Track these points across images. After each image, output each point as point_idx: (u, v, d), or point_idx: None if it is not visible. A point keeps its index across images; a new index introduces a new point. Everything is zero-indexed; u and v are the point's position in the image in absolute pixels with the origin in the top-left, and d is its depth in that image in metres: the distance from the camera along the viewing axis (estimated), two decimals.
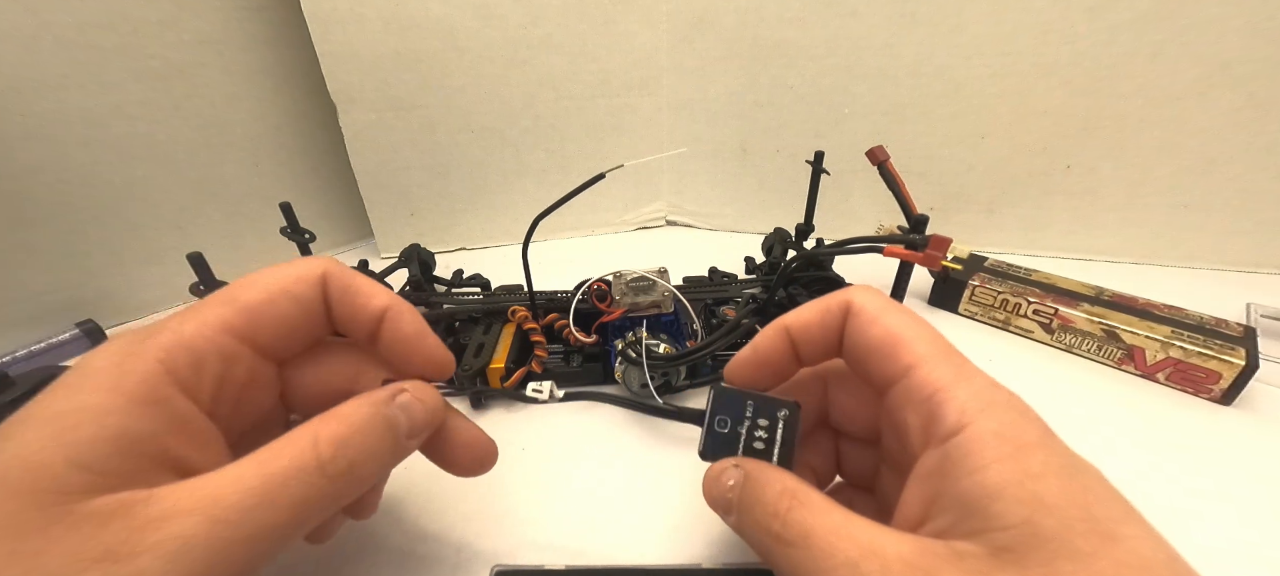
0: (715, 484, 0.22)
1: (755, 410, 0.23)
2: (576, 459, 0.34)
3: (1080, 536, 0.15)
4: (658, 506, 0.31)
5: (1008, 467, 0.16)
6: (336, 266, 0.23)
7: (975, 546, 0.16)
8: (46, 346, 0.47)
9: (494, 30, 0.54)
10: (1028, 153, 0.53)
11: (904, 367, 0.19)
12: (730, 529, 0.21)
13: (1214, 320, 0.39)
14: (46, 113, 0.45)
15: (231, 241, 0.57)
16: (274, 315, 0.21)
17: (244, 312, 0.20)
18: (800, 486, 0.19)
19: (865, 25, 0.52)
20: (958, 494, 0.17)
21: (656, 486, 0.32)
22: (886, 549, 0.17)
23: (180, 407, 0.18)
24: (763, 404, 0.23)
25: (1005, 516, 0.15)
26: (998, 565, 0.15)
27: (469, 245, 0.65)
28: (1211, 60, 0.46)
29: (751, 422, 0.23)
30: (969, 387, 0.18)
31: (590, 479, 0.33)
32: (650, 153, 0.63)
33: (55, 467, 0.15)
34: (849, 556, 0.17)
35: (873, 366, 0.21)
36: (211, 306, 0.20)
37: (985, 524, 0.16)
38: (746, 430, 0.23)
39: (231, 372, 0.20)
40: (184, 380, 0.18)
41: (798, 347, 0.23)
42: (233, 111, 0.54)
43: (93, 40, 0.45)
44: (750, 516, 0.20)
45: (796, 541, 0.18)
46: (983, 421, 0.17)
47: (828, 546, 0.17)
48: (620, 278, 0.38)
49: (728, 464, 0.22)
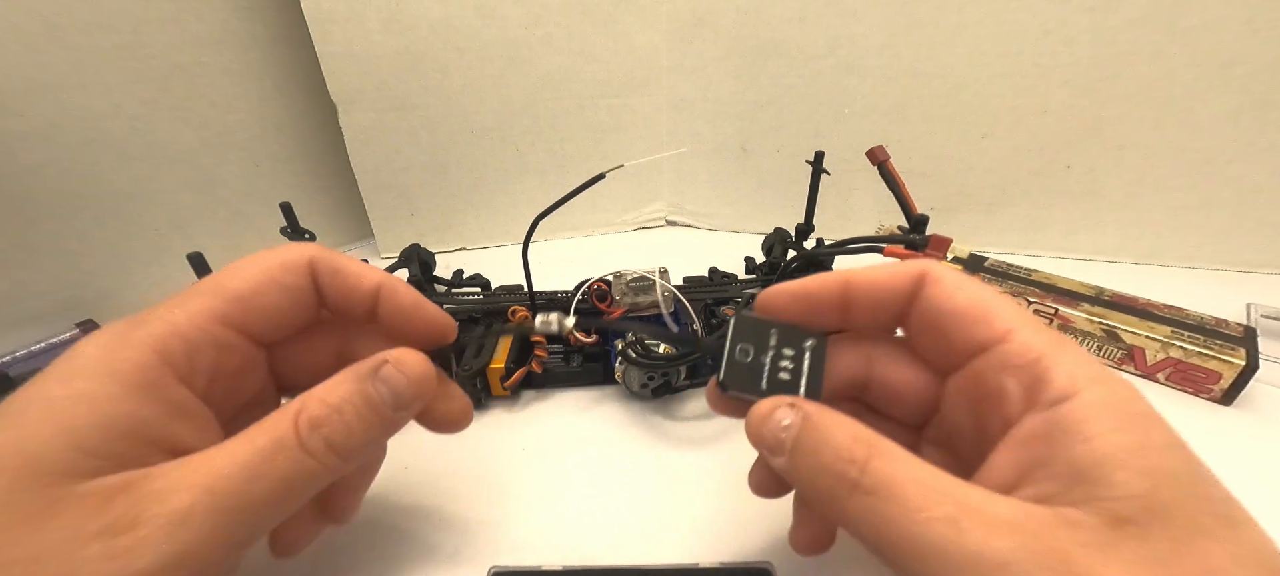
0: (765, 421, 0.19)
1: (780, 339, 0.21)
2: (575, 459, 0.34)
3: (1203, 514, 0.14)
4: (657, 506, 0.31)
5: (1126, 437, 0.15)
6: (322, 251, 0.23)
7: (1087, 515, 0.15)
8: (46, 346, 0.47)
9: (494, 30, 0.54)
10: (1028, 153, 0.53)
11: (999, 333, 0.19)
12: (777, 470, 0.20)
13: (1214, 320, 0.39)
14: (46, 113, 0.45)
15: (231, 241, 0.57)
16: (264, 304, 0.21)
17: (234, 302, 0.21)
18: (874, 434, 0.18)
19: (865, 25, 0.52)
20: (1069, 460, 0.16)
21: (655, 486, 0.32)
22: (987, 509, 0.15)
23: (176, 394, 0.19)
24: (788, 333, 0.21)
25: (1126, 485, 0.14)
26: (1118, 535, 0.14)
27: (469, 245, 0.65)
28: (1211, 60, 0.46)
29: (775, 353, 0.21)
30: (1073, 356, 0.17)
31: (589, 479, 0.33)
32: (650, 153, 0.63)
33: (56, 452, 0.16)
34: (946, 513, 0.15)
35: (957, 333, 0.20)
36: (200, 297, 0.20)
37: (1100, 492, 0.15)
38: (770, 360, 0.21)
39: (225, 360, 0.21)
40: (179, 368, 0.19)
41: (853, 306, 0.22)
42: (233, 111, 0.54)
43: (93, 40, 0.45)
44: (813, 460, 0.18)
45: (877, 490, 0.17)
46: (1094, 390, 0.16)
47: (919, 499, 0.16)
48: (620, 278, 0.38)
49: (781, 401, 0.20)
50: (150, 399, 0.18)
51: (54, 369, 0.18)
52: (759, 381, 0.21)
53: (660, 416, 0.37)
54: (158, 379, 0.18)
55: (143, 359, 0.18)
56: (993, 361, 0.19)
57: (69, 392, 0.17)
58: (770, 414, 0.19)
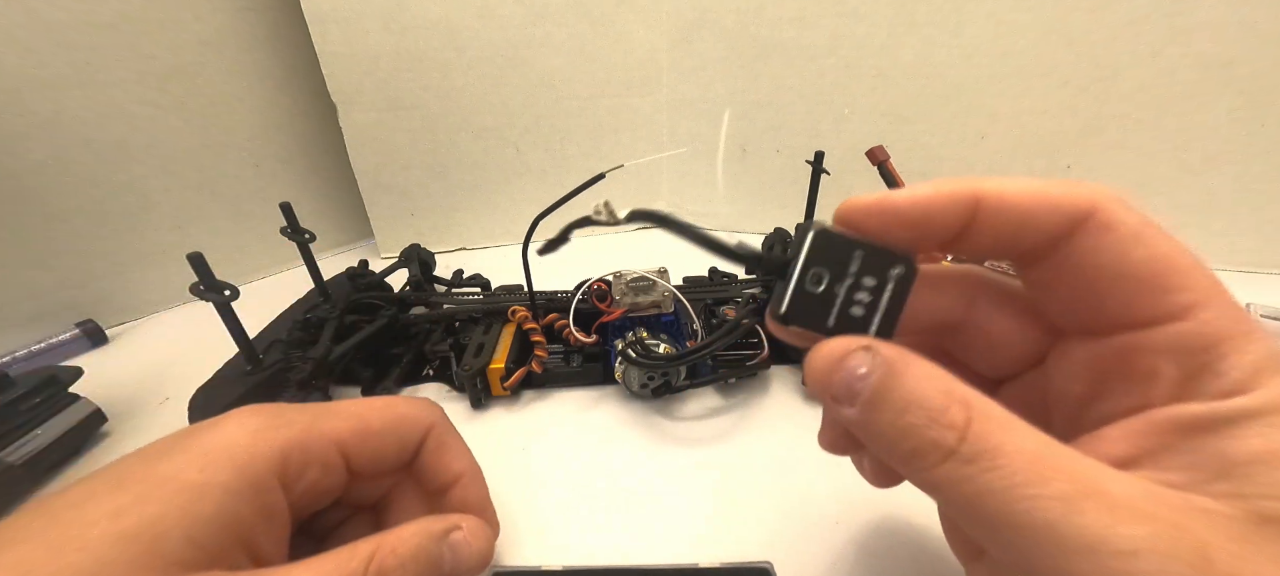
0: (838, 366, 0.16)
1: (863, 263, 0.17)
2: (575, 459, 0.34)
3: None
4: (657, 506, 0.31)
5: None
6: (442, 422, 0.25)
7: (1227, 508, 0.13)
8: (46, 346, 0.47)
9: (494, 30, 0.54)
10: (1028, 153, 0.53)
11: (1182, 307, 0.15)
12: (843, 421, 0.17)
13: None
14: (46, 113, 0.45)
15: (231, 241, 0.57)
16: (379, 445, 0.23)
17: (361, 435, 0.22)
18: (971, 391, 0.15)
19: (865, 25, 0.52)
20: (1217, 451, 0.14)
21: (655, 486, 0.32)
22: (1109, 487, 0.14)
23: (275, 499, 0.20)
24: (873, 256, 0.17)
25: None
26: (1263, 533, 0.13)
27: (469, 245, 0.65)
28: (1211, 60, 0.46)
29: (854, 282, 0.17)
30: (1264, 343, 0.15)
31: (589, 479, 0.33)
32: (650, 153, 0.63)
33: (177, 540, 0.17)
34: (1060, 490, 0.13)
35: (1118, 299, 0.16)
36: (340, 419, 0.22)
37: (1247, 489, 0.13)
38: (846, 290, 0.17)
39: (324, 479, 0.22)
40: (288, 475, 0.20)
41: (976, 233, 0.17)
42: (233, 111, 0.54)
43: (93, 40, 0.45)
44: (897, 419, 0.15)
45: (978, 458, 0.14)
46: (1276, 387, 0.14)
47: (1030, 472, 0.14)
48: (620, 278, 0.38)
49: (853, 343, 0.16)
50: (256, 499, 0.19)
51: (198, 444, 0.19)
52: (827, 315, 0.17)
53: (660, 416, 0.37)
54: (268, 481, 0.19)
55: (270, 458, 0.19)
56: (1157, 340, 0.15)
57: (205, 482, 0.18)
58: (842, 358, 0.16)
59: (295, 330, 0.41)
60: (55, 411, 0.35)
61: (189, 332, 0.50)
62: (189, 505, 0.17)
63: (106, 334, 0.50)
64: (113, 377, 0.44)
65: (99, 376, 0.41)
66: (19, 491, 0.33)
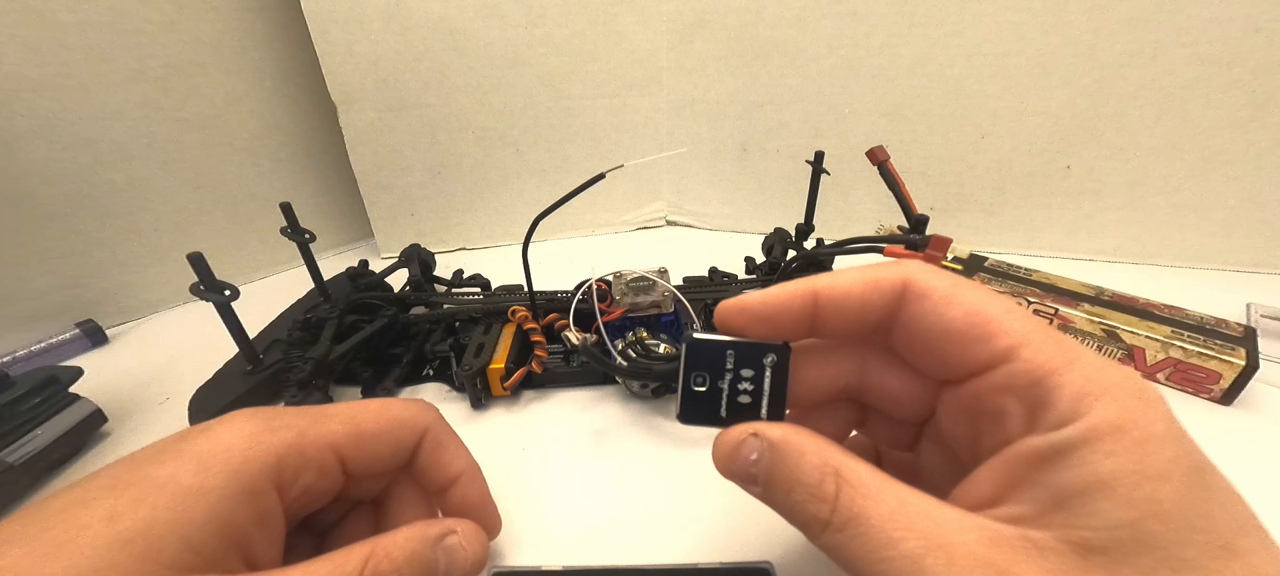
0: (732, 456, 0.19)
1: (738, 359, 0.20)
2: (575, 459, 0.34)
3: (1193, 546, 0.14)
4: (656, 506, 0.31)
5: (1126, 462, 0.14)
6: (438, 423, 0.25)
7: (1055, 540, 0.14)
8: (46, 346, 0.47)
9: (494, 30, 0.54)
10: (1028, 153, 0.53)
11: (1003, 351, 0.17)
12: (755, 498, 0.19)
13: (1214, 320, 0.39)
14: (46, 113, 0.45)
15: (232, 241, 0.57)
16: (374, 449, 0.23)
17: (355, 439, 0.22)
18: (843, 459, 0.17)
19: (865, 25, 0.52)
20: (1054, 485, 0.15)
21: (655, 486, 0.32)
22: (952, 540, 0.15)
23: (269, 503, 0.20)
24: (745, 351, 0.20)
25: (1108, 515, 0.14)
26: (1083, 565, 0.14)
27: (469, 245, 0.65)
28: (1211, 60, 0.46)
29: (733, 375, 0.20)
30: (1082, 368, 0.16)
31: (589, 479, 0.33)
32: (650, 153, 0.63)
33: (173, 545, 0.17)
34: (911, 548, 0.15)
35: (951, 353, 0.18)
36: (334, 421, 0.22)
37: (1078, 519, 0.14)
38: (728, 384, 0.20)
39: (319, 483, 0.22)
40: (283, 479, 0.20)
41: (821, 319, 0.20)
42: (233, 111, 0.54)
43: (93, 40, 0.45)
44: (787, 497, 0.18)
45: (846, 527, 0.16)
46: (1101, 409, 0.15)
47: (884, 537, 0.15)
48: (620, 278, 0.38)
49: (744, 430, 0.19)
50: (251, 504, 0.19)
51: (193, 448, 0.19)
52: (718, 408, 0.20)
53: (660, 416, 0.37)
54: (263, 486, 0.19)
55: (266, 464, 0.19)
56: (994, 382, 0.17)
57: (200, 486, 0.18)
58: (736, 446, 0.19)
59: (295, 330, 0.41)
60: (55, 411, 0.35)
61: (189, 332, 0.50)
62: (184, 509, 0.17)
63: (106, 334, 0.50)
64: (113, 377, 0.44)
65: (99, 376, 0.41)
66: (19, 491, 0.33)
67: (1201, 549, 0.14)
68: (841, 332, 0.20)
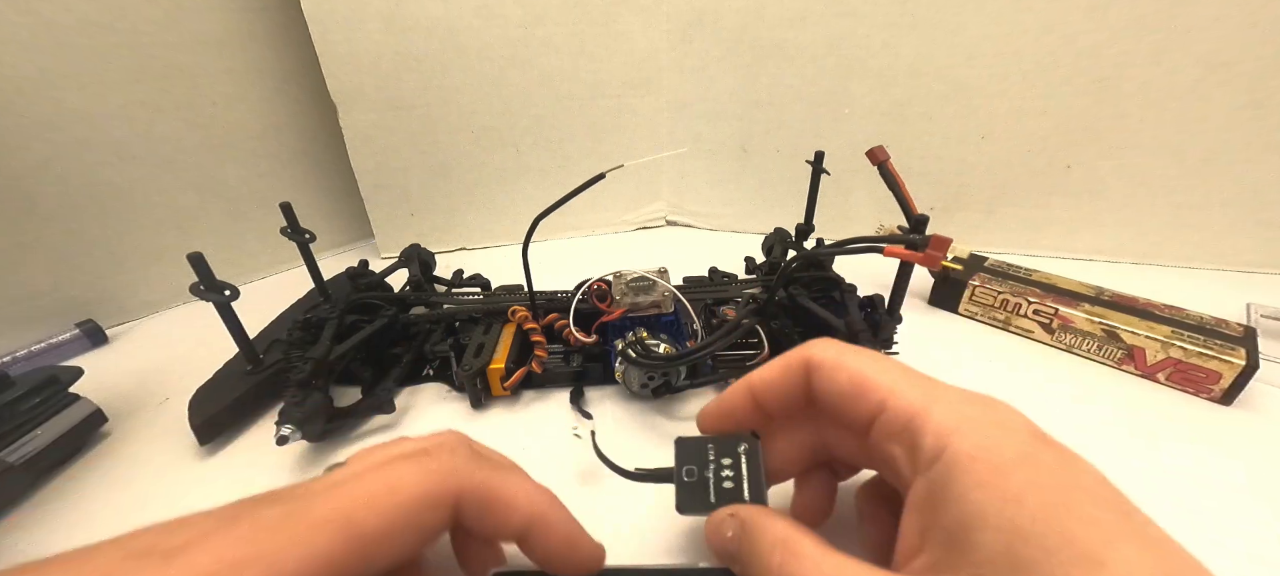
0: (716, 535, 0.22)
1: (717, 451, 0.24)
2: (576, 459, 0.34)
3: (1061, 564, 0.14)
4: (657, 506, 0.31)
5: (987, 493, 0.15)
6: (475, 484, 0.20)
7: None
8: (46, 346, 0.47)
9: (494, 30, 0.54)
10: (1028, 153, 0.53)
11: (877, 404, 0.20)
12: None
13: (1214, 320, 0.39)
14: (46, 113, 0.45)
15: (231, 241, 0.57)
16: (393, 547, 0.18)
17: (357, 543, 0.17)
18: (793, 534, 0.19)
19: (865, 25, 0.52)
20: (944, 525, 0.16)
21: (655, 486, 0.32)
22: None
23: None
24: (722, 444, 0.24)
25: (986, 547, 0.15)
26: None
27: (469, 245, 0.65)
28: (1211, 60, 0.46)
29: (716, 465, 0.24)
30: (942, 406, 0.18)
31: (589, 478, 0.32)
32: (650, 153, 0.63)
33: None
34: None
35: (848, 411, 0.21)
36: (322, 530, 0.16)
37: (968, 556, 0.15)
38: (713, 473, 0.24)
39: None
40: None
41: (763, 404, 0.24)
42: (233, 111, 0.54)
43: (93, 40, 0.45)
44: (752, 568, 0.20)
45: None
46: (959, 441, 0.17)
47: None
48: (620, 278, 0.38)
49: (724, 514, 0.22)
50: None
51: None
52: (707, 496, 0.23)
53: (660, 416, 0.37)
54: None
55: None
56: (880, 432, 0.20)
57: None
58: (718, 526, 0.21)
59: (295, 330, 0.41)
60: (55, 411, 0.35)
61: (189, 332, 0.50)
62: None
63: (106, 334, 0.50)
64: (113, 377, 0.44)
65: (99, 376, 0.41)
66: (19, 491, 0.33)
67: (1067, 565, 0.14)
68: (782, 412, 0.24)
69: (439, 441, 0.21)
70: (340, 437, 0.36)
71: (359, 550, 0.17)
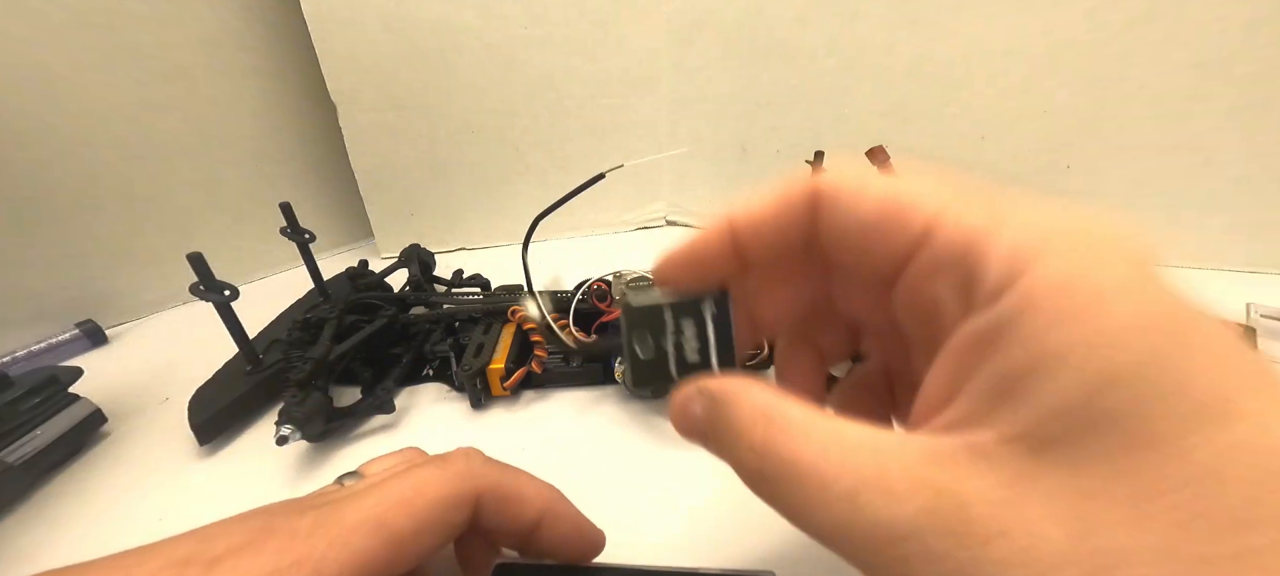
0: (681, 416, 0.18)
1: (675, 315, 0.19)
2: (575, 459, 0.34)
3: (1165, 417, 0.11)
4: (657, 508, 0.31)
5: (1074, 328, 0.11)
6: (491, 483, 0.21)
7: (1001, 444, 0.12)
8: (46, 346, 0.47)
9: (494, 30, 0.54)
10: (1028, 153, 0.53)
11: (918, 233, 0.14)
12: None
13: None
14: (46, 113, 0.45)
15: (232, 241, 0.57)
16: (421, 545, 0.19)
17: (392, 545, 0.18)
18: (775, 403, 0.15)
19: (865, 25, 0.52)
20: (995, 371, 0.12)
21: (655, 487, 0.32)
22: (890, 469, 0.13)
23: None
24: (682, 306, 0.19)
25: (1056, 398, 0.11)
26: (1036, 467, 0.11)
27: (469, 245, 0.65)
28: (1211, 60, 0.46)
29: (675, 332, 0.19)
30: (1016, 226, 0.13)
31: (589, 479, 0.32)
32: (650, 153, 0.63)
33: None
34: (846, 487, 0.13)
35: (874, 252, 0.16)
36: (359, 534, 0.17)
37: (1024, 409, 0.12)
38: (672, 341, 0.19)
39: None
40: None
41: (746, 250, 0.18)
42: (233, 111, 0.54)
43: (93, 41, 0.45)
44: (727, 450, 0.16)
45: (780, 477, 0.14)
46: (1040, 268, 0.12)
47: (817, 480, 0.13)
48: (620, 278, 0.38)
49: (691, 389, 0.18)
50: None
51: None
52: (667, 369, 0.19)
53: (660, 416, 0.37)
54: None
55: None
56: (920, 269, 0.15)
57: None
58: (684, 405, 0.18)
59: (295, 330, 0.41)
60: (55, 411, 0.35)
61: (189, 333, 0.50)
62: None
63: (106, 334, 0.50)
64: (113, 377, 0.44)
65: (99, 376, 0.41)
66: (19, 491, 0.33)
67: (1179, 420, 0.11)
68: (771, 260, 0.18)
69: (454, 452, 0.22)
70: (340, 438, 0.36)
71: (393, 551, 0.17)
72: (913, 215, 0.15)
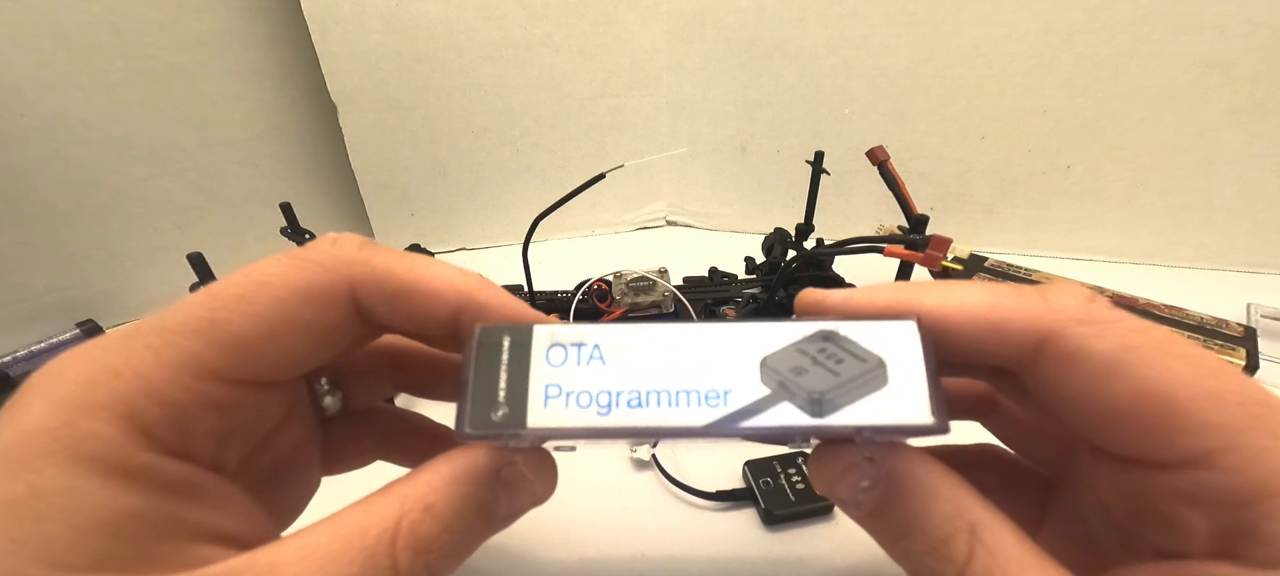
0: (839, 480, 0.15)
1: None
2: (575, 460, 0.34)
3: None
4: (659, 508, 0.31)
5: None
6: (369, 270, 0.16)
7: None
8: (46, 346, 0.47)
9: (494, 30, 0.54)
10: (1028, 153, 0.53)
11: (1190, 454, 0.12)
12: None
13: (1214, 320, 0.39)
14: (46, 113, 0.45)
15: (231, 241, 0.57)
16: (278, 351, 0.15)
17: (232, 350, 0.14)
18: (982, 513, 0.13)
19: (865, 25, 0.52)
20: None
21: (657, 488, 0.32)
22: None
23: (173, 473, 0.14)
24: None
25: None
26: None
27: (469, 245, 0.65)
28: (1211, 60, 0.46)
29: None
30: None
31: (589, 479, 0.32)
32: (650, 153, 0.63)
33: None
34: None
35: (1111, 433, 0.14)
36: (184, 338, 0.14)
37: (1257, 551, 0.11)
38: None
39: (231, 419, 0.15)
40: (165, 440, 0.14)
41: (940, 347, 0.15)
42: (233, 111, 0.54)
43: (93, 40, 0.45)
44: (903, 544, 0.14)
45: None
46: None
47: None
48: (620, 278, 0.38)
49: (857, 453, 0.15)
50: (132, 486, 0.13)
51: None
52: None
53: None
54: (136, 460, 0.13)
55: (108, 437, 0.13)
56: (1177, 486, 0.13)
57: (30, 492, 0.12)
58: (844, 472, 0.15)
59: None
60: None
61: None
62: (29, 528, 0.11)
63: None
64: None
65: None
66: None
67: None
68: (953, 364, 0.15)
69: (321, 238, 0.17)
70: None
71: (235, 356, 0.14)
72: (1193, 430, 0.12)
